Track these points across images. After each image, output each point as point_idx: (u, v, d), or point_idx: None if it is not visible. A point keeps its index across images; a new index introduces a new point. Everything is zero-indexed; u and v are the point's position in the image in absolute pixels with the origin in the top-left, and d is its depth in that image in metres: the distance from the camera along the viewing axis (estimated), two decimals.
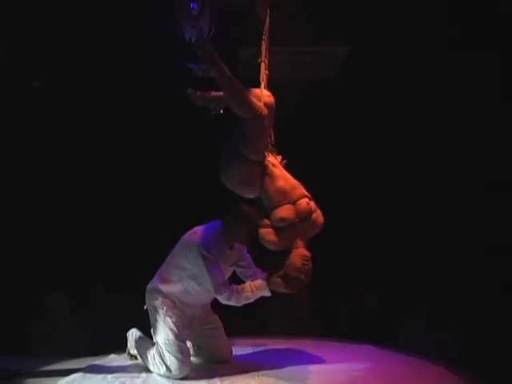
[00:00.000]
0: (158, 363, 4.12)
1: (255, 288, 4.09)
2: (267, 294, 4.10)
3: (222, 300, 4.09)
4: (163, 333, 4.12)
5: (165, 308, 4.15)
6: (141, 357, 4.31)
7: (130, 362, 4.39)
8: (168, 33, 3.94)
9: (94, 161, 5.87)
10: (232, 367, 4.24)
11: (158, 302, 4.17)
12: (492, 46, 5.30)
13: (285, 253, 4.11)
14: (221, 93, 4.15)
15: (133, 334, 4.40)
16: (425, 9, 5.27)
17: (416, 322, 5.45)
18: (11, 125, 5.65)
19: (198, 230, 4.18)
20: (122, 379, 4.06)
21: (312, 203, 4.12)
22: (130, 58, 5.46)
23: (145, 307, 4.28)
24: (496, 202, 5.51)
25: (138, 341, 4.35)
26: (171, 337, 4.09)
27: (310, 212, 4.09)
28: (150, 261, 4.48)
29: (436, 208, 5.84)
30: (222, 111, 4.20)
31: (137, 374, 4.16)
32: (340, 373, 4.11)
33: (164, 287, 4.18)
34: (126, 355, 4.44)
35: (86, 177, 5.85)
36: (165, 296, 4.17)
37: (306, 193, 4.14)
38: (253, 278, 4.25)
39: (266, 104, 3.98)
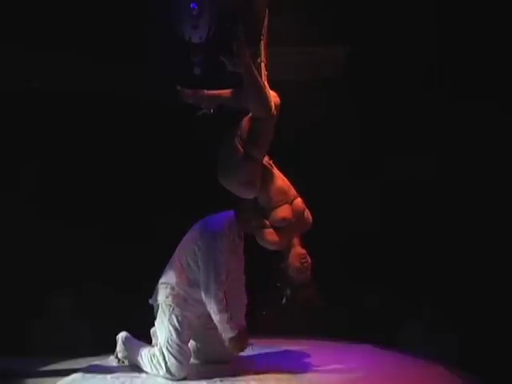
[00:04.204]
0: (157, 364, 4.09)
1: (229, 328, 4.00)
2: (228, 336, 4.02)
3: (206, 298, 4.02)
4: (166, 331, 4.10)
5: (173, 306, 4.12)
6: (132, 360, 4.28)
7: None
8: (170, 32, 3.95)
9: (97, 160, 5.87)
10: (232, 367, 4.24)
11: (168, 300, 4.14)
12: (492, 47, 5.31)
13: (280, 255, 4.15)
14: (214, 92, 4.18)
15: (123, 337, 4.35)
16: (424, 9, 5.28)
17: (416, 323, 5.44)
18: (10, 125, 5.65)
19: (210, 218, 4.22)
20: (121, 379, 4.06)
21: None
22: (130, 57, 5.47)
23: (150, 301, 4.26)
24: (497, 201, 5.50)
25: (128, 343, 4.32)
26: (174, 336, 4.07)
27: (304, 211, 4.18)
28: (152, 261, 4.48)
29: (438, 209, 5.83)
30: (212, 111, 4.20)
31: (137, 374, 4.15)
32: (340, 373, 4.12)
33: (175, 280, 4.14)
34: (114, 358, 4.39)
35: (90, 176, 5.85)
36: (177, 292, 4.14)
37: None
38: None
39: (274, 104, 3.98)
